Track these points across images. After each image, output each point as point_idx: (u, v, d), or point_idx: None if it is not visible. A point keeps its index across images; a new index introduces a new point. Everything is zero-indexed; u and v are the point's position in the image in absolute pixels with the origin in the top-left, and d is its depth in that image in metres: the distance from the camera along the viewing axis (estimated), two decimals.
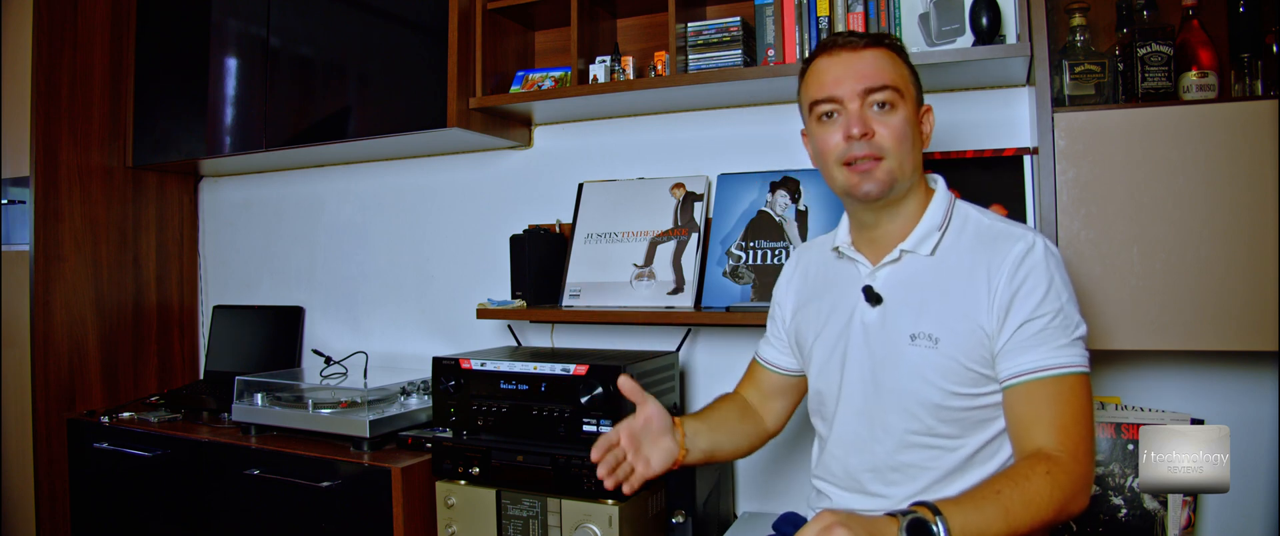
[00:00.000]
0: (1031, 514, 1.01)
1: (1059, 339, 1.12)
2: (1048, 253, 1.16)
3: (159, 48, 2.49)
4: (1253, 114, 1.37)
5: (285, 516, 1.92)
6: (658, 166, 2.10)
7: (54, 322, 2.35)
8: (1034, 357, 1.11)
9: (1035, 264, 1.14)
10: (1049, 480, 1.03)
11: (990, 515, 1.00)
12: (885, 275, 1.24)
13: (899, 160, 1.19)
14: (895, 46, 1.25)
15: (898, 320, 1.21)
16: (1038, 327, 1.12)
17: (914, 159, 1.22)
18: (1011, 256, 1.15)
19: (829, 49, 1.23)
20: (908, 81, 1.23)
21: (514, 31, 2.13)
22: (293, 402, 2.05)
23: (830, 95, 1.20)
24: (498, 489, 1.74)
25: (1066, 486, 1.04)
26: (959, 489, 1.19)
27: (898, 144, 1.19)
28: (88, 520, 2.30)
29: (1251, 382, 1.61)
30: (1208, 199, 1.38)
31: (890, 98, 1.19)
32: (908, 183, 1.22)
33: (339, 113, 2.19)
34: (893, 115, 1.19)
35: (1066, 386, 1.10)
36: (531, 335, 2.24)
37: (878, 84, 1.19)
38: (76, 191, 2.41)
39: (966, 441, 1.18)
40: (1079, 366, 1.12)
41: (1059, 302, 1.13)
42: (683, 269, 1.95)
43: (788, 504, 1.85)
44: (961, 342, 1.16)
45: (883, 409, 1.22)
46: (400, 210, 2.46)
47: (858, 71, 1.19)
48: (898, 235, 1.24)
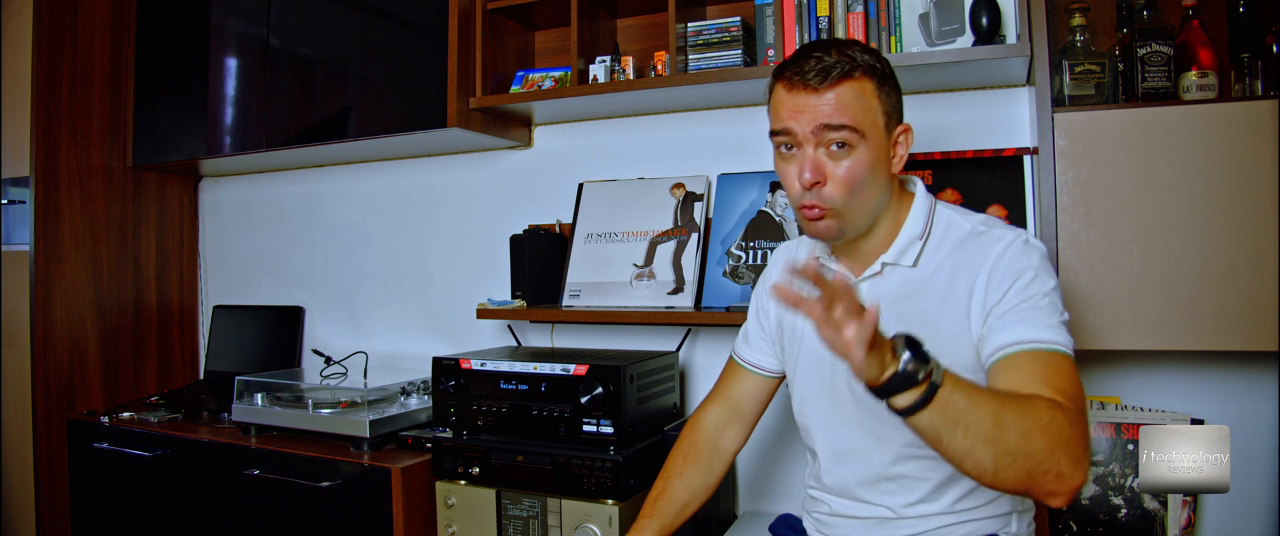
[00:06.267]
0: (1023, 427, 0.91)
1: (1048, 318, 1.07)
2: (1028, 245, 1.13)
3: (159, 48, 2.49)
4: (1253, 114, 1.37)
5: (285, 516, 1.92)
6: (658, 166, 2.10)
7: (54, 322, 2.35)
8: (1018, 332, 1.06)
9: (1014, 256, 1.11)
10: (1052, 410, 0.94)
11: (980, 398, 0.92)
12: (868, 288, 1.21)
13: (848, 207, 1.14)
14: (870, 68, 1.14)
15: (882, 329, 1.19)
16: (1023, 309, 1.07)
17: (872, 196, 1.16)
18: (990, 258, 1.12)
19: (791, 80, 1.14)
20: (876, 113, 1.14)
21: (514, 31, 2.13)
22: (293, 402, 2.05)
23: (785, 127, 1.14)
24: (498, 489, 1.74)
25: (1064, 426, 0.93)
26: (954, 497, 1.19)
27: (848, 194, 1.13)
28: (88, 520, 2.30)
29: (1251, 382, 1.61)
30: (1208, 199, 1.38)
31: (848, 138, 1.11)
32: (862, 221, 1.18)
33: (339, 113, 2.19)
34: (847, 156, 1.12)
35: (1056, 360, 1.03)
36: (531, 335, 2.24)
37: (835, 123, 1.11)
38: (76, 191, 2.41)
39: None
40: (1065, 347, 1.05)
41: (1044, 287, 1.09)
42: (683, 269, 1.95)
43: (787, 504, 1.85)
44: (949, 353, 1.11)
45: (878, 421, 1.20)
46: (400, 210, 2.46)
47: (814, 110, 1.12)
48: (878, 248, 1.21)
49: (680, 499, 1.39)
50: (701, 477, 1.41)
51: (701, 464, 1.41)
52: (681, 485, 1.40)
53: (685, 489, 1.40)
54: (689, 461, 1.42)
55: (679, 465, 1.42)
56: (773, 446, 1.94)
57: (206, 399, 2.36)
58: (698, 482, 1.41)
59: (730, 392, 1.45)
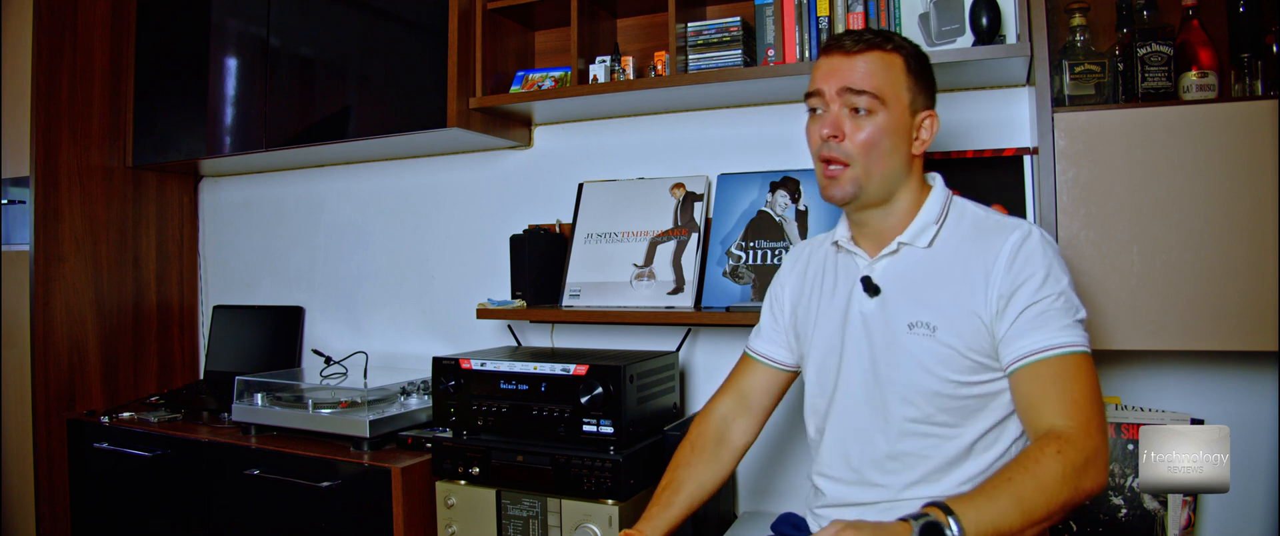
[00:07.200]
0: (1047, 497, 1.02)
1: (1062, 319, 1.13)
2: (1044, 240, 1.18)
3: (159, 48, 2.49)
4: (1253, 114, 1.37)
5: (285, 516, 1.92)
6: (658, 166, 2.10)
7: (54, 322, 2.35)
8: (1037, 339, 1.12)
9: (1032, 251, 1.16)
10: (1061, 460, 1.03)
11: (1004, 506, 1.00)
12: (883, 266, 1.27)
13: (866, 168, 1.21)
14: (903, 48, 1.24)
15: (896, 310, 1.23)
16: (1039, 310, 1.13)
17: (889, 165, 1.22)
18: (1008, 245, 1.17)
19: (828, 48, 1.25)
20: (900, 88, 1.22)
21: (514, 31, 2.13)
22: (293, 402, 2.05)
23: (816, 88, 1.24)
24: (498, 489, 1.74)
25: (1079, 463, 1.04)
26: (958, 477, 1.20)
27: (865, 152, 1.20)
28: (88, 520, 2.30)
29: (1251, 382, 1.61)
30: (1208, 199, 1.38)
31: (868, 104, 1.20)
32: (879, 188, 1.23)
33: (339, 113, 2.19)
34: (868, 121, 1.20)
35: (1071, 364, 1.11)
36: (531, 335, 2.24)
37: (857, 87, 1.20)
38: (76, 191, 2.41)
39: (965, 430, 1.19)
40: (1082, 346, 1.13)
41: (1059, 286, 1.14)
42: (683, 269, 1.95)
43: (788, 504, 1.85)
44: (959, 330, 1.18)
45: (883, 398, 1.23)
46: (400, 210, 2.46)
47: (842, 73, 1.21)
48: (895, 229, 1.26)
49: (687, 488, 1.39)
50: (709, 467, 1.41)
51: (709, 453, 1.42)
52: (688, 474, 1.40)
53: (692, 478, 1.40)
54: (696, 451, 1.42)
55: (686, 455, 1.43)
56: (774, 447, 1.94)
57: (206, 399, 2.36)
58: (705, 472, 1.41)
59: (741, 385, 1.46)
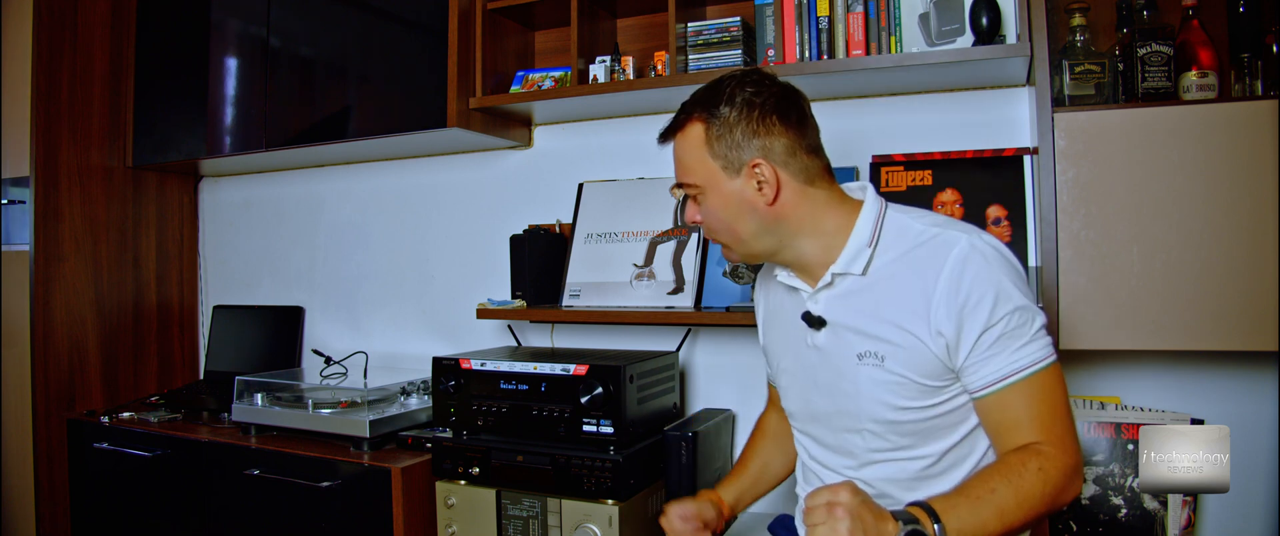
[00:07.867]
0: (1025, 512, 1.04)
1: (1019, 339, 1.09)
2: (985, 254, 1.10)
3: (159, 48, 2.49)
4: (1253, 114, 1.37)
5: (285, 516, 1.92)
6: (658, 166, 2.10)
7: (54, 322, 2.35)
8: (997, 366, 1.09)
9: (975, 274, 1.09)
10: (1041, 476, 1.05)
11: (985, 515, 1.02)
12: (824, 299, 1.21)
13: (730, 241, 1.23)
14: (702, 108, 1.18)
15: (845, 340, 1.19)
16: (995, 336, 1.08)
17: (749, 229, 1.19)
18: (946, 270, 1.10)
19: None
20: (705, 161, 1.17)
21: (514, 31, 2.13)
22: (293, 402, 2.05)
23: None
24: (498, 489, 1.74)
25: (1057, 479, 1.06)
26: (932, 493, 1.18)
27: (716, 233, 1.23)
28: (88, 520, 2.30)
29: (1251, 382, 1.61)
30: (1208, 199, 1.38)
31: (693, 192, 1.22)
32: (764, 246, 1.21)
33: (339, 113, 2.19)
34: (702, 207, 1.22)
35: (1036, 383, 1.09)
36: (531, 335, 2.24)
37: (680, 180, 1.24)
38: (76, 191, 2.41)
39: (929, 450, 1.17)
40: (1045, 360, 1.09)
41: (1010, 304, 1.08)
42: (683, 269, 1.95)
43: (787, 504, 1.85)
44: (906, 357, 1.13)
45: (845, 428, 1.22)
46: (400, 210, 2.46)
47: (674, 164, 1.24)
48: (827, 260, 1.20)
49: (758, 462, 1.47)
50: (779, 454, 1.47)
51: (775, 440, 1.48)
52: (756, 454, 1.48)
53: (759, 456, 1.47)
54: (766, 436, 1.49)
55: (756, 439, 1.51)
56: None
57: (206, 399, 2.36)
58: (774, 453, 1.47)
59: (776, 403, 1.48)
